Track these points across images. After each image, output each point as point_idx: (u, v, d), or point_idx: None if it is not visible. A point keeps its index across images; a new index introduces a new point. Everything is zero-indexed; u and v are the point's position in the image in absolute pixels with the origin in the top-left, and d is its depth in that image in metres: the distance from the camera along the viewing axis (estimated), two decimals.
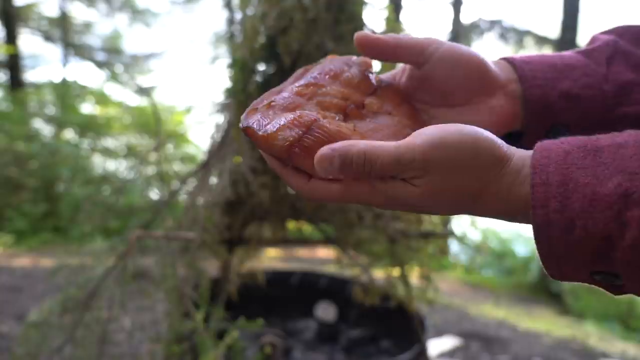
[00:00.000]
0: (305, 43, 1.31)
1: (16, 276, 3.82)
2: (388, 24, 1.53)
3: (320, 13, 1.31)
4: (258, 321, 1.28)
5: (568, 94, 0.48)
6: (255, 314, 1.91)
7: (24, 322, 2.68)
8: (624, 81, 0.49)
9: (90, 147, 7.46)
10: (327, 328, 2.03)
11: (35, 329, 1.51)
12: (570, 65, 0.49)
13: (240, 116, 0.63)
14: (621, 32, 0.53)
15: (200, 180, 1.61)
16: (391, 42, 0.47)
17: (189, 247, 1.48)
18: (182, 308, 1.36)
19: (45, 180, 6.65)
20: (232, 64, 1.34)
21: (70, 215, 5.92)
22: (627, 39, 0.52)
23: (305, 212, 1.53)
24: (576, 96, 0.48)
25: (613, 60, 0.50)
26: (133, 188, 6.23)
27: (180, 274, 1.44)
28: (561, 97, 0.48)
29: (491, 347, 2.92)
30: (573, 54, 0.52)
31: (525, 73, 0.48)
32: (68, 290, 1.57)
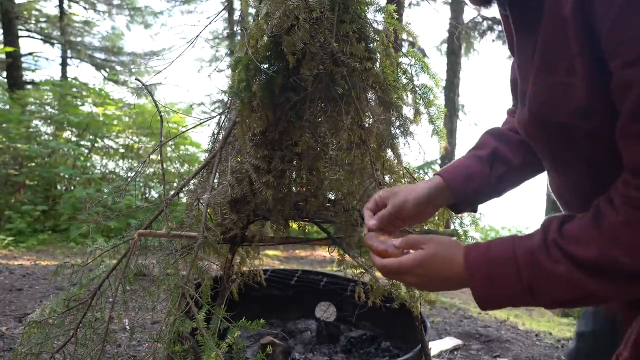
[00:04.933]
0: (309, 42, 1.31)
1: (16, 276, 3.81)
2: (390, 23, 1.53)
3: (324, 12, 1.31)
4: (259, 321, 1.28)
5: (474, 190, 0.92)
6: (255, 314, 1.91)
7: (23, 322, 2.68)
8: (500, 174, 0.93)
9: (89, 147, 7.45)
10: (327, 328, 2.03)
11: (37, 328, 1.50)
12: (474, 173, 0.92)
13: (244, 115, 1.05)
14: (504, 138, 0.96)
15: (202, 179, 1.61)
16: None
17: (191, 246, 1.48)
18: (184, 307, 1.36)
19: (45, 180, 6.64)
20: (236, 63, 1.34)
21: (69, 215, 5.92)
22: (505, 145, 0.94)
23: (308, 212, 1.53)
24: (478, 190, 0.93)
25: (494, 163, 0.93)
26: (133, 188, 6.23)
27: (181, 273, 1.44)
28: (472, 192, 0.93)
29: (491, 348, 2.92)
30: (473, 162, 0.93)
31: (453, 186, 0.91)
32: (70, 289, 1.57)
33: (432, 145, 1.59)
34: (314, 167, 1.46)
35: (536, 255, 0.68)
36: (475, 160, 0.93)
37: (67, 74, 12.01)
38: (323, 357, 1.85)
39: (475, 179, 0.91)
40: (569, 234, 0.67)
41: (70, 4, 11.97)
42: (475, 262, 0.72)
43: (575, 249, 0.66)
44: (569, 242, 0.66)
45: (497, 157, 0.93)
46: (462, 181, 0.91)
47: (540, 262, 0.67)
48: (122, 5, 12.36)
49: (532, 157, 0.91)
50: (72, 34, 12.05)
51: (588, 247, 0.65)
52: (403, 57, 1.60)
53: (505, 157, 0.93)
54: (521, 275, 0.68)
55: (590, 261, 0.64)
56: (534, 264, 0.68)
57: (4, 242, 5.21)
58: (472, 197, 0.93)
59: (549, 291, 0.67)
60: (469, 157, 0.95)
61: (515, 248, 0.70)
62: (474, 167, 0.92)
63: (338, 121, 1.42)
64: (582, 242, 0.66)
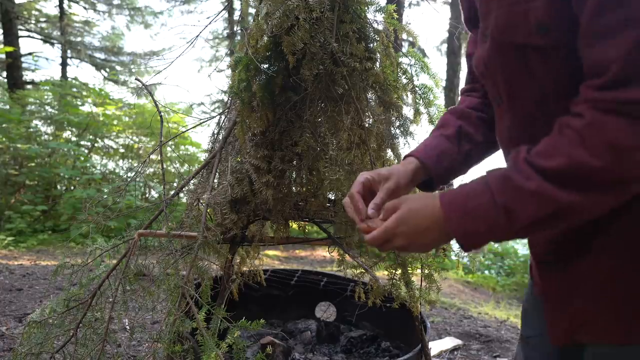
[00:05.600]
0: (309, 42, 1.31)
1: (16, 276, 3.81)
2: (390, 23, 1.53)
3: (324, 12, 1.31)
4: (259, 321, 1.28)
5: (446, 168, 0.96)
6: (255, 314, 1.90)
7: (23, 322, 2.68)
8: (466, 151, 0.97)
9: (89, 147, 7.45)
10: (327, 328, 2.03)
11: (37, 328, 1.50)
12: (443, 152, 0.95)
13: (244, 115, 1.05)
14: (465, 116, 0.99)
15: (202, 179, 1.61)
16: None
17: (191, 246, 1.48)
18: (184, 307, 1.36)
19: (45, 180, 6.64)
20: (236, 63, 1.34)
21: (69, 215, 5.92)
22: (467, 123, 0.98)
23: (308, 212, 1.53)
24: (449, 168, 0.96)
25: (461, 140, 0.97)
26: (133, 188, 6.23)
27: (181, 273, 1.44)
28: (444, 170, 0.96)
29: (491, 348, 2.92)
30: (442, 141, 0.97)
31: (429, 165, 0.94)
32: (70, 289, 1.57)
33: None
34: (314, 167, 1.46)
35: (508, 176, 0.69)
36: (443, 139, 0.97)
37: (67, 74, 12.01)
38: (323, 357, 1.85)
39: (446, 157, 0.95)
40: (537, 150, 0.68)
41: (70, 4, 11.97)
42: (450, 200, 0.73)
43: (543, 161, 0.66)
44: (538, 157, 0.67)
45: (462, 135, 0.96)
46: (436, 160, 0.94)
47: (512, 182, 0.68)
48: (122, 5, 12.36)
49: (491, 133, 0.95)
50: (72, 34, 12.05)
51: (555, 156, 0.65)
52: (403, 57, 1.60)
53: (469, 134, 0.97)
54: (496, 200, 0.68)
55: (558, 170, 0.64)
56: (507, 185, 0.68)
57: (4, 242, 5.21)
58: (444, 175, 0.96)
59: (524, 209, 0.67)
60: (437, 137, 0.98)
61: (487, 178, 0.71)
62: (444, 146, 0.95)
63: (338, 121, 1.42)
64: (549, 154, 0.66)
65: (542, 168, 0.66)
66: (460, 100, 1.07)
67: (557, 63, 0.72)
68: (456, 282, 5.35)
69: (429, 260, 1.56)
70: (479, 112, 0.99)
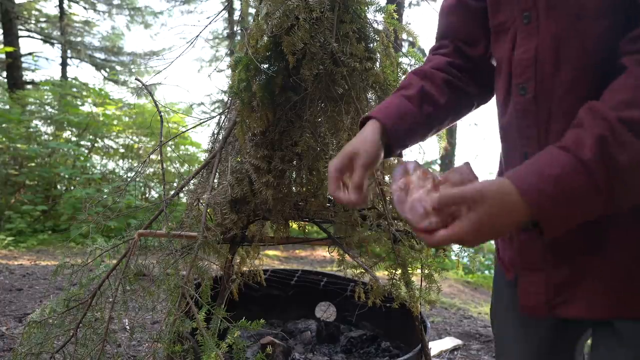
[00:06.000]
0: (309, 42, 1.31)
1: (16, 276, 3.81)
2: (390, 23, 1.53)
3: (324, 12, 1.31)
4: (259, 321, 1.28)
5: (406, 130, 0.89)
6: (255, 314, 1.91)
7: (23, 322, 2.68)
8: (428, 113, 0.91)
9: (89, 147, 7.45)
10: (327, 328, 2.03)
11: (37, 328, 1.50)
12: (404, 113, 0.89)
13: (244, 115, 0.96)
14: (428, 77, 0.93)
15: (202, 179, 1.61)
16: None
17: (191, 246, 1.48)
18: (184, 307, 1.36)
19: (45, 180, 6.64)
20: (236, 63, 1.34)
21: (69, 215, 5.92)
22: (430, 84, 0.92)
23: (308, 212, 1.53)
24: (410, 129, 0.90)
25: (422, 102, 0.91)
26: (133, 188, 6.23)
27: (181, 273, 1.44)
28: (404, 132, 0.89)
29: (491, 348, 2.92)
30: (403, 101, 0.90)
31: (389, 126, 0.87)
32: (70, 289, 1.57)
33: (432, 145, 1.59)
34: (314, 167, 1.46)
35: (602, 144, 0.60)
36: (404, 100, 0.91)
37: (67, 74, 12.01)
38: (323, 357, 1.85)
39: (407, 118, 0.89)
40: (618, 101, 0.62)
41: (70, 4, 11.97)
42: (538, 194, 0.62)
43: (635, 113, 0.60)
44: (625, 108, 0.61)
45: (424, 97, 0.91)
46: (396, 121, 0.88)
47: (611, 152, 0.60)
48: (122, 5, 12.36)
49: (455, 97, 0.93)
50: (72, 34, 12.04)
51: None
52: (403, 57, 1.60)
53: (431, 96, 0.91)
54: (597, 180, 0.60)
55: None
56: (605, 157, 0.60)
57: (4, 242, 5.21)
58: (404, 138, 0.90)
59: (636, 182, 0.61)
60: (398, 97, 0.92)
61: (572, 152, 0.62)
62: (405, 107, 0.90)
63: (338, 121, 1.42)
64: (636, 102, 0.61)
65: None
66: (427, 59, 1.00)
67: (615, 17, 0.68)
68: (456, 282, 5.35)
69: (429, 260, 1.56)
70: (444, 74, 0.94)
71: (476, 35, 0.94)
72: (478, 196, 0.64)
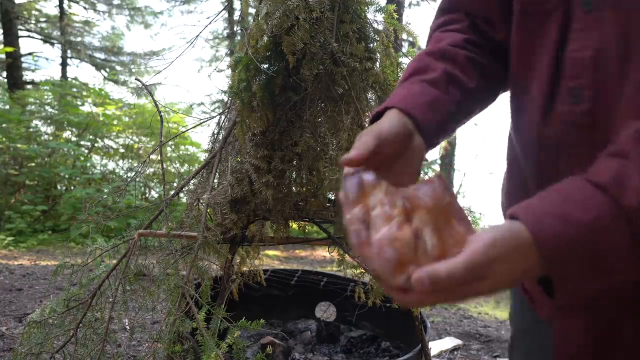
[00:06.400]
0: (309, 42, 1.31)
1: (16, 276, 3.81)
2: (390, 23, 1.53)
3: (324, 12, 1.31)
4: (259, 321, 1.28)
5: (439, 123, 0.68)
6: (255, 314, 1.90)
7: (23, 322, 2.68)
8: (457, 100, 0.69)
9: (89, 147, 7.45)
10: (327, 328, 2.03)
11: (37, 328, 1.50)
12: (432, 101, 0.67)
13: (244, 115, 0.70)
14: (449, 56, 0.72)
15: (202, 179, 1.61)
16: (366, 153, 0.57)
17: (191, 246, 1.48)
18: (184, 307, 1.36)
19: (45, 180, 6.64)
20: (236, 63, 1.34)
21: (69, 215, 5.92)
22: (453, 65, 0.71)
23: (308, 212, 1.53)
24: (443, 122, 0.69)
25: (449, 86, 0.69)
26: (133, 188, 6.23)
27: (181, 273, 1.44)
28: (437, 126, 0.68)
29: (491, 348, 2.92)
30: (426, 88, 0.69)
31: (418, 117, 0.65)
32: (70, 289, 1.57)
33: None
34: (314, 167, 1.46)
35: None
36: (427, 86, 0.68)
37: (67, 74, 12.00)
38: (323, 357, 1.85)
39: (437, 107, 0.67)
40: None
41: (70, 4, 11.96)
42: (557, 243, 0.46)
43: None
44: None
45: (450, 80, 0.70)
46: (425, 111, 0.66)
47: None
48: (122, 5, 12.36)
49: (484, 81, 0.73)
50: (72, 34, 12.04)
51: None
52: (403, 57, 1.60)
53: (458, 79, 0.70)
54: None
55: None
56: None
57: (4, 242, 5.21)
58: (436, 133, 0.68)
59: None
60: (416, 83, 0.69)
61: (610, 194, 0.46)
62: (431, 94, 0.68)
63: (338, 121, 1.42)
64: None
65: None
66: (435, 38, 0.77)
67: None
68: None
69: None
70: (467, 51, 0.72)
71: (495, 13, 0.74)
72: (488, 266, 0.46)
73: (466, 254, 0.47)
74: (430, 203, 0.51)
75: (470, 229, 0.51)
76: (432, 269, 0.46)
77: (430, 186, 0.53)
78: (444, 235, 0.50)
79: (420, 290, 0.46)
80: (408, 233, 0.49)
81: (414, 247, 0.48)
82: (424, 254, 0.48)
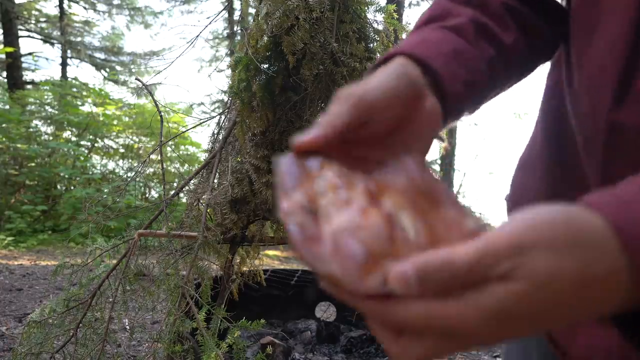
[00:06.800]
0: (309, 42, 1.31)
1: (16, 276, 3.81)
2: (390, 23, 1.53)
3: (324, 12, 1.31)
4: (259, 321, 1.28)
5: (466, 82, 0.46)
6: (255, 314, 1.90)
7: (23, 322, 2.68)
8: (488, 58, 0.49)
9: (89, 147, 7.45)
10: (327, 328, 2.03)
11: (37, 328, 1.50)
12: (457, 51, 0.47)
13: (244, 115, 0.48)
14: (478, 2, 0.53)
15: (202, 179, 1.61)
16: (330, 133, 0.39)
17: (191, 246, 1.48)
18: (184, 307, 1.36)
19: (45, 180, 6.65)
20: (236, 63, 1.34)
21: (69, 215, 5.92)
22: (483, 12, 0.52)
23: None
24: (471, 82, 0.47)
25: (479, 38, 0.50)
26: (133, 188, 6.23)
27: (181, 273, 1.44)
28: (464, 86, 0.46)
29: (491, 348, 2.92)
30: (447, 35, 0.49)
31: (440, 76, 0.45)
32: (70, 289, 1.57)
33: (432, 145, 1.59)
34: None
35: None
36: (449, 33, 0.49)
37: (67, 74, 12.01)
38: (323, 357, 1.85)
39: (465, 59, 0.47)
40: None
41: (70, 4, 11.97)
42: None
43: None
44: None
45: (480, 29, 0.50)
46: (450, 60, 0.46)
47: None
48: (122, 5, 12.37)
49: (526, 37, 0.53)
50: (72, 34, 12.05)
51: None
52: None
53: (491, 31, 0.51)
54: None
55: None
56: None
57: (4, 242, 5.21)
58: (462, 96, 0.47)
59: None
60: (435, 30, 0.50)
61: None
62: (454, 42, 0.48)
63: None
64: None
65: None
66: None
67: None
68: None
69: None
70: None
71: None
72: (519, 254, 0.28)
73: (483, 237, 0.29)
74: (404, 183, 0.37)
75: (467, 214, 0.35)
76: (421, 257, 0.29)
77: (402, 165, 0.39)
78: (430, 220, 0.34)
79: (404, 294, 0.29)
80: (377, 219, 0.33)
81: (389, 237, 0.32)
82: (405, 243, 0.32)
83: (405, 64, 0.44)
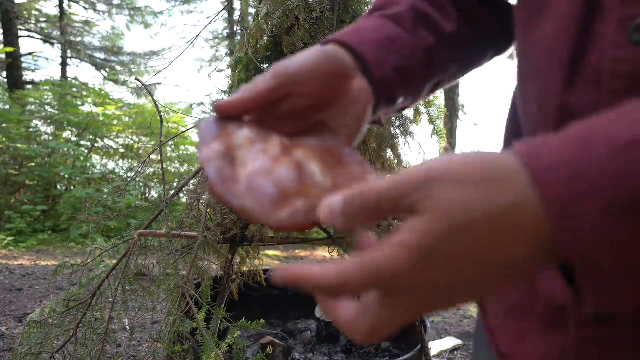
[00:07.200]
0: (309, 42, 1.31)
1: (16, 276, 3.81)
2: None
3: (324, 12, 1.31)
4: (259, 321, 1.28)
5: (397, 68, 0.48)
6: (255, 314, 1.91)
7: (23, 322, 2.68)
8: (428, 46, 0.51)
9: (89, 147, 7.45)
10: (327, 328, 2.03)
11: (37, 328, 1.50)
12: (390, 38, 0.49)
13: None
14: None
15: (202, 179, 1.61)
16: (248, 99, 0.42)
17: (191, 246, 1.48)
18: (184, 307, 1.36)
19: (45, 180, 6.65)
20: (236, 63, 1.34)
21: (69, 215, 5.93)
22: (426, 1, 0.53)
23: None
24: (403, 68, 0.49)
25: (417, 25, 0.51)
26: (133, 188, 6.24)
27: (181, 273, 1.44)
28: (394, 72, 0.48)
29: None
30: (385, 23, 0.51)
31: (368, 61, 0.47)
32: (70, 289, 1.57)
33: (432, 145, 1.59)
34: None
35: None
36: (387, 21, 0.51)
37: (67, 74, 12.01)
38: (323, 357, 1.85)
39: (397, 47, 0.49)
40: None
41: (70, 4, 11.97)
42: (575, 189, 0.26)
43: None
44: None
45: (419, 17, 0.51)
46: (378, 48, 0.48)
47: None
48: (122, 5, 12.37)
49: (468, 27, 0.54)
50: (72, 34, 12.05)
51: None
52: None
53: (431, 19, 0.52)
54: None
55: None
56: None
57: (4, 242, 5.21)
58: (393, 80, 0.48)
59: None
60: (374, 18, 0.52)
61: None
62: (389, 30, 0.50)
63: None
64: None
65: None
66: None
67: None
68: None
69: None
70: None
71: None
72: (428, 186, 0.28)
73: (402, 172, 0.30)
74: (316, 143, 0.41)
75: (370, 171, 0.39)
76: (345, 191, 0.31)
77: (318, 135, 0.43)
78: (336, 172, 0.38)
79: (326, 219, 0.32)
80: (288, 165, 0.38)
81: (298, 180, 0.37)
82: (313, 186, 0.37)
83: (335, 49, 0.47)
